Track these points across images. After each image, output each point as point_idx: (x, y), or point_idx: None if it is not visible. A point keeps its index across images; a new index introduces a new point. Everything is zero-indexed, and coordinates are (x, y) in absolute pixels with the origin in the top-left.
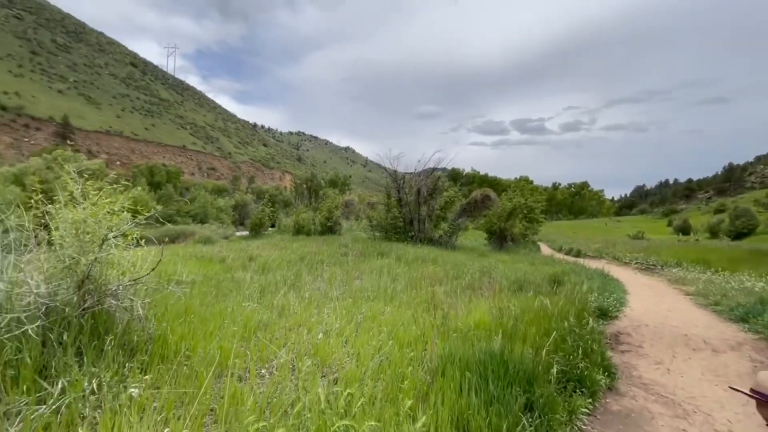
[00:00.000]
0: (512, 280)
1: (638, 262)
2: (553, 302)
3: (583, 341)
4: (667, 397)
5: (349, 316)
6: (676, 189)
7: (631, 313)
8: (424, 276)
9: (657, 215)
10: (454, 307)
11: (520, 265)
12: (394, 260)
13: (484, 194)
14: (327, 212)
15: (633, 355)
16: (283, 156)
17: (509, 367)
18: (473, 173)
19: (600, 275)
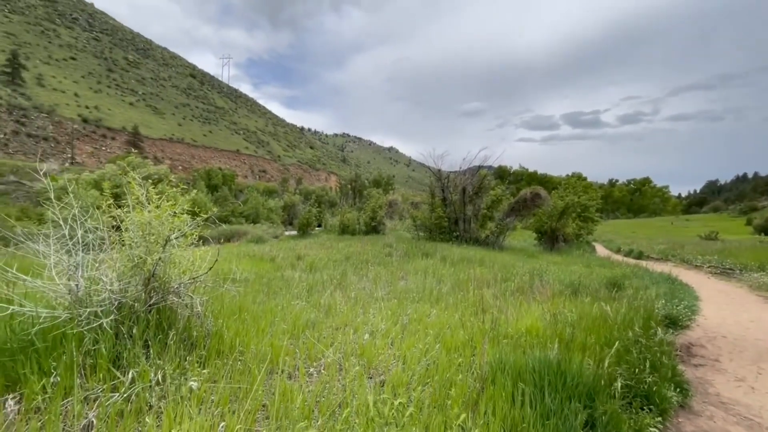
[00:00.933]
0: (566, 284)
1: (712, 265)
2: (613, 309)
3: (650, 353)
4: (752, 420)
5: (394, 318)
6: (756, 183)
7: (705, 322)
8: (470, 278)
9: (733, 213)
10: (504, 311)
11: (573, 267)
12: (439, 261)
13: (534, 192)
14: (371, 212)
15: (708, 369)
16: (329, 157)
17: (567, 379)
18: (521, 171)
19: (667, 279)
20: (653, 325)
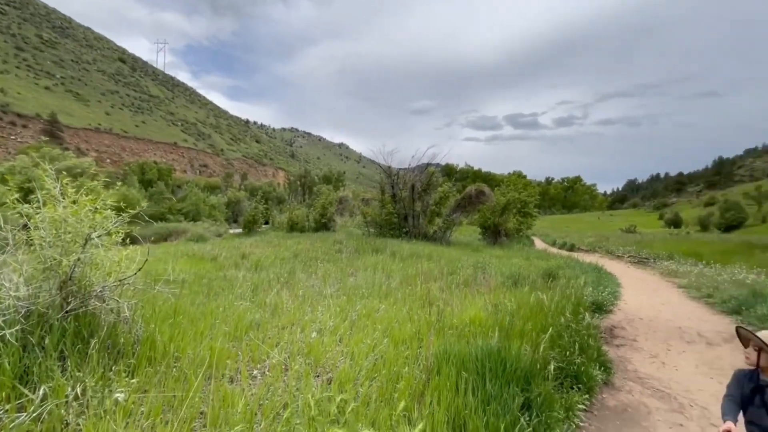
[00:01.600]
0: (507, 276)
1: (631, 255)
2: (548, 297)
3: (579, 337)
4: (663, 391)
5: (343, 314)
6: (667, 183)
7: (626, 306)
8: (418, 272)
9: (649, 209)
10: (449, 303)
11: (514, 260)
12: (389, 256)
13: (479, 189)
14: (321, 209)
15: (628, 348)
16: (276, 152)
17: (507, 365)
18: (467, 168)
19: (594, 269)
20: (582, 311)
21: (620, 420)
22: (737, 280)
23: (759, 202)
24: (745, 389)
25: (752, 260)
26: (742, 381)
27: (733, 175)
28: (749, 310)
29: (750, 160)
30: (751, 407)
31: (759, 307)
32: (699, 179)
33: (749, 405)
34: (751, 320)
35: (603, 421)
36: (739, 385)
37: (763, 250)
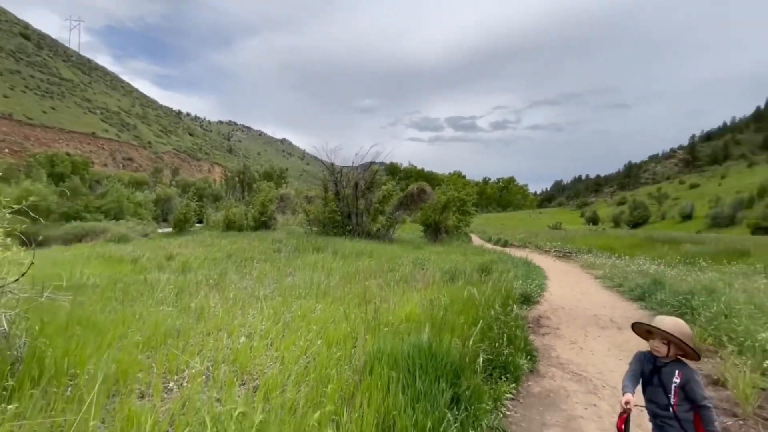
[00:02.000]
0: (445, 271)
1: (557, 250)
2: (480, 291)
3: (507, 328)
4: (580, 375)
5: (276, 317)
6: (587, 184)
7: (551, 297)
8: (358, 270)
9: (572, 207)
10: (387, 300)
11: (452, 256)
12: (331, 255)
13: (420, 188)
14: (260, 206)
15: (552, 336)
16: (213, 147)
17: (437, 360)
18: (411, 168)
19: (524, 263)
20: (510, 304)
21: (543, 405)
22: (642, 270)
23: (659, 201)
24: (645, 369)
25: (653, 252)
26: (642, 360)
27: (640, 178)
28: (651, 296)
29: (653, 165)
30: (650, 387)
31: (658, 294)
32: (613, 181)
33: (648, 385)
34: (652, 305)
35: (528, 408)
36: (640, 364)
37: (662, 243)
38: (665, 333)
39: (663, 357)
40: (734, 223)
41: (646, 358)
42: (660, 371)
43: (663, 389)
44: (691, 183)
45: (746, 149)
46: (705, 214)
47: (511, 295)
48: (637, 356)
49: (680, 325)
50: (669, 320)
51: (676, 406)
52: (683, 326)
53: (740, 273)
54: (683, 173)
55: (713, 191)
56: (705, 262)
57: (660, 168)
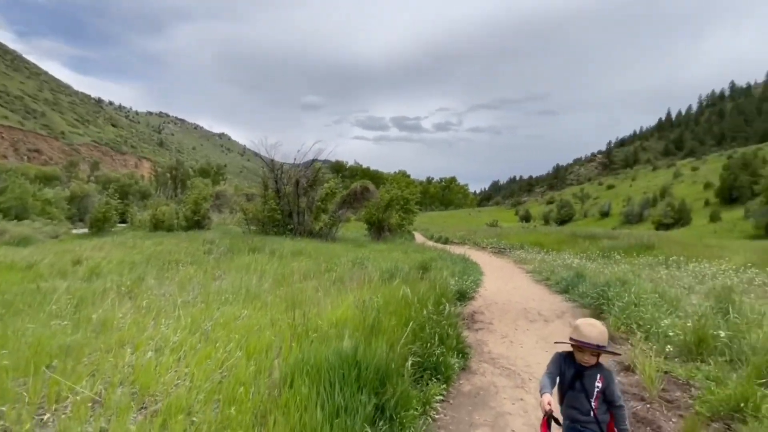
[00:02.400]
0: (384, 270)
1: (493, 246)
2: (415, 290)
3: (440, 327)
4: (510, 369)
5: (194, 326)
6: (521, 184)
7: (486, 292)
8: (294, 271)
9: (508, 206)
10: (320, 303)
11: (394, 254)
12: (267, 255)
13: (364, 186)
14: (193, 204)
15: (485, 332)
16: (141, 139)
17: (361, 369)
18: (356, 166)
19: (462, 260)
20: (444, 302)
21: (472, 404)
22: (566, 264)
23: (582, 200)
24: (566, 374)
25: (577, 247)
26: (561, 364)
27: (566, 179)
28: (573, 288)
29: (577, 167)
30: (571, 392)
31: (580, 286)
32: (543, 182)
33: (570, 390)
34: (574, 297)
35: (457, 409)
36: (558, 367)
37: (584, 239)
38: (599, 350)
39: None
40: (642, 220)
41: (566, 362)
42: (582, 376)
43: (585, 394)
44: (608, 184)
45: (651, 155)
46: (619, 212)
47: (445, 294)
48: (555, 359)
49: (604, 333)
50: (595, 331)
51: (596, 409)
52: (605, 331)
53: (647, 264)
54: (602, 175)
55: (626, 192)
56: (619, 255)
57: (583, 170)
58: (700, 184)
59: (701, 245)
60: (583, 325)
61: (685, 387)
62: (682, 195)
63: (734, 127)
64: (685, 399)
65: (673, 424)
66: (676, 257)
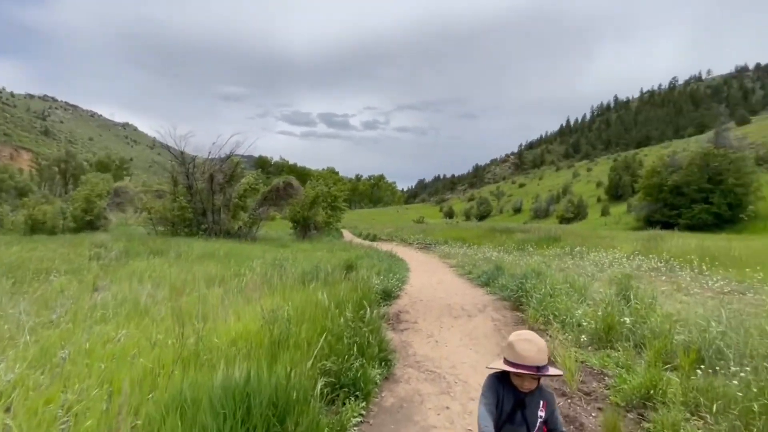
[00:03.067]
0: (306, 271)
1: (419, 242)
2: (335, 293)
3: (360, 336)
4: (435, 372)
5: (45, 357)
6: (444, 183)
7: (411, 289)
8: (198, 277)
9: (433, 203)
10: (223, 314)
11: (319, 253)
12: (173, 259)
13: (287, 182)
14: (84, 203)
15: (410, 332)
16: (18, 126)
17: (253, 405)
18: (282, 162)
19: (389, 257)
20: (366, 305)
21: (395, 422)
22: (487, 257)
23: (498, 198)
24: (504, 405)
25: (495, 241)
26: (498, 391)
27: (484, 178)
28: (494, 281)
29: (493, 167)
30: (510, 426)
31: (500, 279)
32: (464, 180)
33: (508, 423)
34: (495, 290)
35: (378, 429)
36: (495, 395)
37: (501, 233)
38: (540, 373)
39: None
40: (548, 215)
41: (503, 388)
42: (523, 404)
43: (527, 426)
44: (520, 183)
45: (554, 157)
46: (529, 208)
47: (368, 295)
48: (490, 384)
49: (544, 349)
50: (533, 349)
51: None
52: (545, 347)
53: (555, 255)
54: (515, 175)
55: (535, 190)
56: (532, 247)
57: (498, 170)
58: (594, 183)
59: (596, 236)
60: (519, 342)
61: (600, 376)
62: (580, 192)
63: (617, 134)
64: (601, 390)
65: (593, 419)
66: (578, 248)
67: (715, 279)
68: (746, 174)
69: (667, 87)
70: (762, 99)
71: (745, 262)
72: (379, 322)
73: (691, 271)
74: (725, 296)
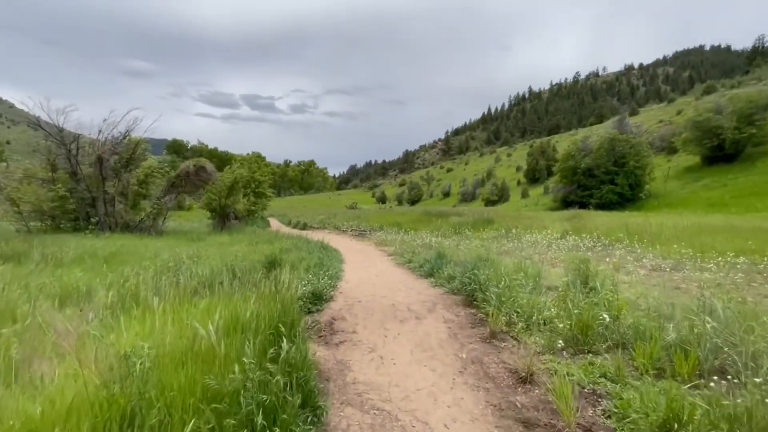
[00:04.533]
0: (215, 272)
1: (353, 229)
2: (239, 314)
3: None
4: (383, 410)
5: None
6: (376, 168)
7: (347, 286)
8: (51, 292)
9: (365, 189)
10: (40, 367)
11: (237, 247)
12: (35, 264)
13: (199, 165)
14: None
15: (348, 346)
16: None
17: None
18: (201, 146)
19: (321, 247)
20: (285, 328)
21: None
22: (425, 243)
23: (428, 182)
24: None
25: (431, 225)
26: None
27: (414, 163)
28: (439, 271)
29: (423, 153)
30: None
31: (445, 269)
32: (395, 166)
33: None
34: (441, 281)
35: None
36: None
37: (437, 217)
38: None
39: None
40: (475, 198)
41: None
42: None
43: None
44: (448, 168)
45: (478, 143)
46: (457, 192)
47: (289, 309)
48: None
49: None
50: None
51: None
52: None
53: (492, 238)
54: (443, 160)
55: (461, 174)
56: (469, 231)
57: (427, 155)
58: (513, 167)
59: (525, 217)
60: None
61: (593, 398)
62: (503, 176)
63: (532, 123)
64: (601, 420)
65: None
66: (512, 229)
67: (648, 256)
68: (644, 157)
69: (571, 81)
70: (644, 94)
71: (666, 238)
72: (305, 349)
73: (623, 249)
74: (663, 274)
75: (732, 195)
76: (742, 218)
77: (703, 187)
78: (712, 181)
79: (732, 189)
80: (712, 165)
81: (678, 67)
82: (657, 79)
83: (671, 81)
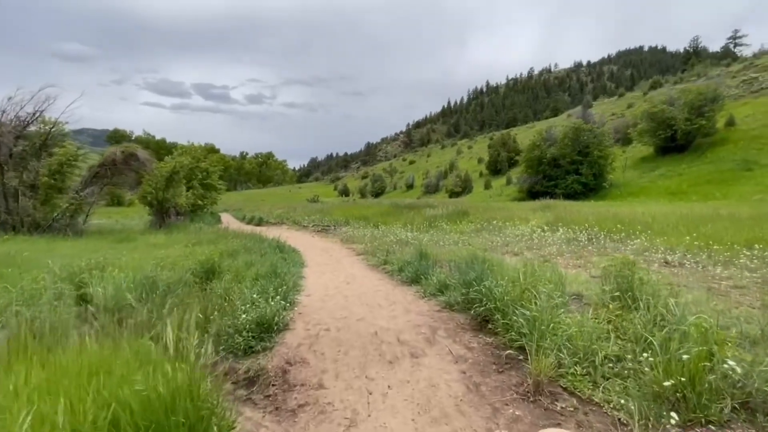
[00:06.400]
0: (132, 287)
1: (315, 224)
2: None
3: None
4: None
5: None
6: (338, 160)
7: (309, 302)
8: None
9: (327, 181)
10: None
11: (169, 250)
12: None
13: (129, 152)
14: None
15: (311, 414)
16: None
17: None
18: (147, 137)
19: (276, 248)
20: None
21: None
22: (401, 239)
23: (391, 175)
24: None
25: (402, 218)
26: None
27: (376, 156)
28: (426, 277)
29: (385, 145)
30: None
31: (433, 273)
32: (357, 158)
33: None
34: (431, 290)
35: None
36: None
37: (408, 209)
38: None
39: None
40: (438, 189)
41: None
42: None
43: None
44: (410, 160)
45: (439, 136)
46: (421, 184)
47: (197, 391)
48: None
49: None
50: None
51: None
52: None
53: (472, 231)
54: (405, 152)
55: (424, 166)
56: (445, 224)
57: (390, 148)
58: (475, 159)
59: (497, 209)
60: None
61: None
62: (465, 168)
63: (490, 116)
64: None
65: None
66: (490, 222)
67: (660, 249)
68: (606, 147)
69: (526, 76)
70: (593, 90)
71: (660, 228)
72: None
73: (619, 241)
74: (680, 270)
75: (689, 184)
76: (720, 205)
77: (660, 177)
78: (667, 170)
79: (687, 178)
80: (665, 155)
81: (621, 65)
82: (603, 76)
83: (615, 78)
